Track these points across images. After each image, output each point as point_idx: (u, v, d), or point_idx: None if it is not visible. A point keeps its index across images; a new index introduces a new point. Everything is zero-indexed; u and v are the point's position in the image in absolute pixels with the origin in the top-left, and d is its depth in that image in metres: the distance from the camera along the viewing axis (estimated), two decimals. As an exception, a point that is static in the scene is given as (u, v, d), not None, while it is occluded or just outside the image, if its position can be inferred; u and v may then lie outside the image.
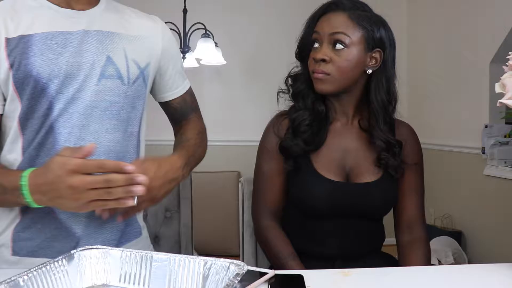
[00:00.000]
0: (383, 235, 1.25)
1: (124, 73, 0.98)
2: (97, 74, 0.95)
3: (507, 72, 0.88)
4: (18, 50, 0.90)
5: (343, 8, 1.13)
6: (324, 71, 1.11)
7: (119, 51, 0.98)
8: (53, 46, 0.92)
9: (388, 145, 1.16)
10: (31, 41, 0.90)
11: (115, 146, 0.98)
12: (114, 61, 0.97)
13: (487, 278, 0.88)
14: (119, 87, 0.98)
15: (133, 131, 1.02)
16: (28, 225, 0.94)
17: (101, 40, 0.96)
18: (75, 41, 0.94)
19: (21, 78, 0.90)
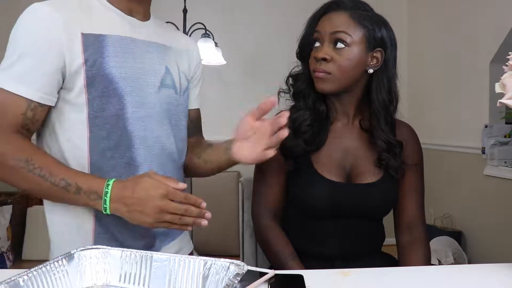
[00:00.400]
0: (383, 235, 1.25)
1: (178, 84, 1.08)
2: (158, 82, 1.03)
3: (507, 72, 0.88)
4: (94, 47, 0.93)
5: (344, 7, 1.13)
6: (325, 70, 1.11)
7: (173, 63, 1.08)
8: (124, 49, 0.97)
9: (389, 146, 1.16)
10: (106, 41, 0.95)
11: (172, 151, 1.07)
12: (171, 72, 1.06)
13: (487, 278, 0.88)
14: (174, 96, 1.07)
15: (183, 137, 1.12)
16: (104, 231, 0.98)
17: (159, 51, 1.05)
18: (139, 49, 1.00)
19: (94, 75, 0.93)
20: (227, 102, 3.82)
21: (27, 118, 0.91)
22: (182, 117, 1.11)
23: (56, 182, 0.88)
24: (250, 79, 3.83)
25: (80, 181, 0.89)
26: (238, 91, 3.84)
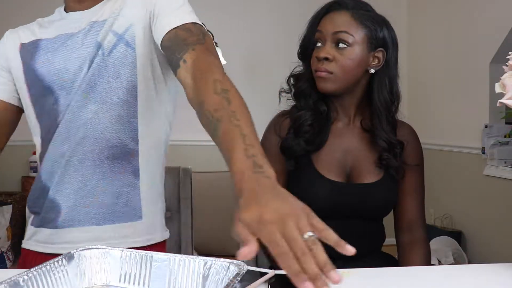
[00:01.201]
0: (383, 235, 1.25)
1: (106, 47, 0.98)
2: (87, 64, 0.97)
3: (507, 72, 0.88)
4: (28, 53, 1.02)
5: (346, 7, 1.13)
6: (327, 69, 1.11)
7: (105, 31, 0.98)
8: (54, 48, 1.00)
9: (390, 146, 1.16)
10: (39, 45, 1.02)
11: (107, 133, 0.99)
12: (103, 44, 0.98)
13: (487, 278, 0.88)
14: (98, 63, 0.97)
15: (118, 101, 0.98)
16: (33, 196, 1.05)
17: (96, 31, 0.99)
18: (75, 41, 1.00)
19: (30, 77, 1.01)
20: (227, 102, 3.82)
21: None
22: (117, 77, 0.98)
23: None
24: (250, 79, 3.83)
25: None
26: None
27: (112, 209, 1.00)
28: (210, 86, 0.77)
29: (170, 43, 0.92)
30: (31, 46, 1.03)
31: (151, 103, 1.01)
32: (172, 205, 1.54)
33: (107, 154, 0.99)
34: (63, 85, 0.99)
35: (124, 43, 0.98)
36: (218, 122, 0.71)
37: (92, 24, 1.00)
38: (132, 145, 1.00)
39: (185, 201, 1.57)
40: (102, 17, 1.00)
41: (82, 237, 0.99)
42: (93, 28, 0.99)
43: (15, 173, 3.78)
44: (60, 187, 1.00)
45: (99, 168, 0.99)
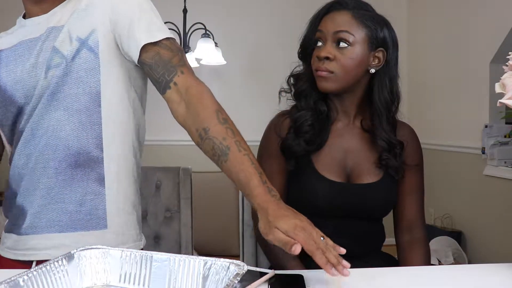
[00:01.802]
0: (383, 235, 1.25)
1: (67, 53, 0.95)
2: (43, 69, 0.95)
3: (507, 72, 0.88)
4: None
5: (347, 7, 1.13)
6: (328, 69, 1.11)
7: (64, 35, 0.95)
8: (15, 57, 0.99)
9: (390, 146, 1.16)
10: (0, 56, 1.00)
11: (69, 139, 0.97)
12: (59, 49, 0.95)
13: (487, 278, 0.88)
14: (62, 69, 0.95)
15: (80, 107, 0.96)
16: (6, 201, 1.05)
17: (50, 36, 0.96)
18: (31, 47, 0.98)
19: None
20: (227, 102, 3.78)
21: None
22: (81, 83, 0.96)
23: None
24: (250, 79, 3.83)
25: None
26: (238, 91, 3.83)
27: (76, 217, 0.98)
28: (213, 115, 0.88)
29: (153, 61, 0.94)
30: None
31: (116, 110, 0.99)
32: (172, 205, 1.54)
33: (70, 161, 0.97)
34: (26, 93, 0.97)
35: (88, 48, 0.95)
36: (228, 149, 0.86)
37: (51, 30, 0.97)
38: (96, 153, 0.98)
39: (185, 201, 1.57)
40: (60, 22, 0.97)
41: (44, 244, 0.98)
42: (51, 33, 0.97)
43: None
44: (27, 194, 0.99)
45: (62, 176, 0.97)
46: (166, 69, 0.93)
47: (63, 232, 0.98)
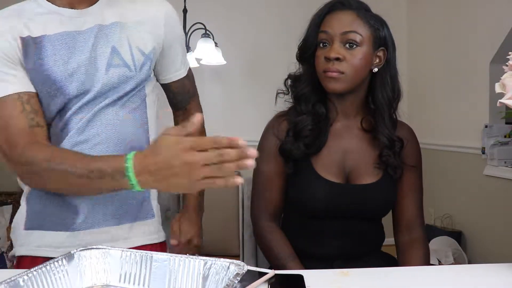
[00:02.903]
0: (382, 235, 1.25)
1: (130, 62, 1.00)
2: (103, 66, 0.98)
3: (507, 72, 0.88)
4: (31, 50, 0.94)
5: (350, 7, 1.13)
6: (338, 69, 1.10)
7: (123, 40, 1.00)
8: (64, 46, 0.96)
9: (391, 142, 1.16)
10: (43, 42, 0.95)
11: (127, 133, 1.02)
12: (119, 51, 0.99)
13: (487, 278, 0.88)
14: (127, 75, 1.00)
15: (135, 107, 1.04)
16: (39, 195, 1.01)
17: (104, 34, 0.99)
18: (81, 40, 0.97)
19: (36, 77, 0.95)
20: (227, 102, 3.82)
21: (28, 113, 0.93)
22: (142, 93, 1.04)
23: (78, 172, 0.84)
24: (250, 79, 3.83)
25: (101, 164, 0.83)
26: (238, 91, 3.83)
27: (129, 209, 1.04)
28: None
29: (178, 90, 1.16)
30: (34, 42, 0.95)
31: (152, 111, 1.09)
32: (172, 205, 1.53)
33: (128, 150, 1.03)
34: (80, 86, 0.97)
35: (149, 61, 1.04)
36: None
37: (100, 27, 0.99)
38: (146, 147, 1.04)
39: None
40: (109, 20, 1.00)
41: (102, 238, 1.01)
42: (102, 31, 0.99)
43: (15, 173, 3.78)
44: None
45: None
46: (184, 99, 1.19)
47: (119, 225, 1.03)
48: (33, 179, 0.94)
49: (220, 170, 0.73)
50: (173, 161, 0.74)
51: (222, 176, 0.73)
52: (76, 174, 0.84)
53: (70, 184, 0.88)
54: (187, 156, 0.73)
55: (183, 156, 0.73)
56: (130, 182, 0.79)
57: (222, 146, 0.73)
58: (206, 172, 0.73)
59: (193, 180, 0.74)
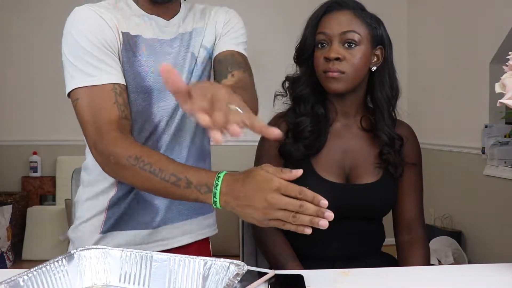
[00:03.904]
0: (383, 235, 1.25)
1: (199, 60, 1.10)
2: (187, 74, 1.08)
3: (507, 72, 0.88)
4: (129, 46, 1.01)
5: (347, 6, 1.13)
6: (339, 69, 1.11)
7: (197, 45, 1.10)
8: (154, 50, 1.04)
9: (391, 140, 1.16)
10: (139, 41, 1.03)
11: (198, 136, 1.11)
12: (195, 55, 1.09)
13: (487, 278, 0.88)
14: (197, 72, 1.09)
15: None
16: (120, 197, 1.07)
17: (185, 43, 1.08)
18: (167, 48, 1.06)
19: (129, 72, 1.01)
20: (227, 102, 3.81)
21: (120, 105, 0.97)
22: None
23: (166, 177, 0.86)
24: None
25: (190, 174, 0.85)
26: (238, 91, 3.83)
27: (196, 205, 1.11)
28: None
29: (225, 58, 1.09)
30: (131, 39, 1.02)
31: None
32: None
33: (197, 155, 1.11)
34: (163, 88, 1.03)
35: (209, 55, 1.12)
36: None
37: (182, 36, 1.08)
38: (208, 147, 1.16)
39: (185, 201, 1.56)
40: (187, 29, 1.10)
41: (174, 233, 1.11)
42: (183, 39, 1.08)
43: (15, 173, 3.78)
44: None
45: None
46: (232, 65, 1.07)
47: (188, 219, 1.13)
48: (116, 171, 0.94)
49: (294, 218, 0.77)
50: (257, 195, 0.78)
51: (292, 222, 0.77)
52: (163, 178, 0.87)
53: (153, 186, 0.89)
54: (271, 195, 0.77)
55: (267, 195, 0.77)
56: (214, 199, 0.82)
57: (305, 199, 0.78)
58: (280, 215, 0.77)
59: (266, 217, 0.78)
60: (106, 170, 0.96)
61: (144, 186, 0.91)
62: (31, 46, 3.63)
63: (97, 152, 0.94)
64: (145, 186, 0.91)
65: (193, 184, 0.84)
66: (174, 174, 0.86)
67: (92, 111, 0.95)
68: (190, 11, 1.13)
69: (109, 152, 0.92)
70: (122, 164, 0.90)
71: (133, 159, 0.89)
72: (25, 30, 3.65)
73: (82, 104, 0.96)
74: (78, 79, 0.96)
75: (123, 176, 0.93)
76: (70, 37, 0.97)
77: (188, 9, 1.14)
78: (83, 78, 0.96)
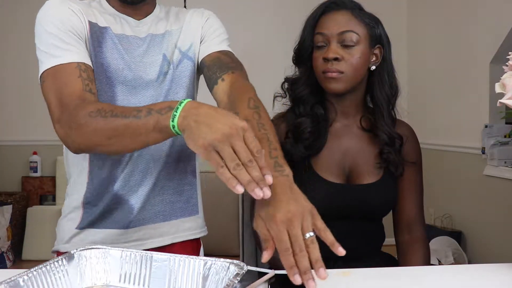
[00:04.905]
0: (383, 235, 1.25)
1: (172, 61, 1.08)
2: (156, 74, 1.06)
3: (507, 72, 0.88)
4: (96, 36, 1.01)
5: (345, 6, 1.13)
6: (338, 69, 1.11)
7: (171, 46, 1.09)
8: (121, 45, 1.03)
9: (391, 139, 1.16)
10: (107, 33, 1.03)
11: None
12: (167, 57, 1.08)
13: (487, 278, 0.88)
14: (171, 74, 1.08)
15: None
16: (94, 195, 1.05)
17: (156, 43, 1.07)
18: (136, 46, 1.05)
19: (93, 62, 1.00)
20: (227, 102, 3.82)
21: (84, 79, 0.95)
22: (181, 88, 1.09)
23: (127, 115, 0.82)
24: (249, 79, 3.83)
25: (151, 105, 0.83)
26: (238, 91, 3.83)
27: (176, 206, 1.10)
28: (245, 102, 0.92)
29: (212, 63, 1.08)
30: (99, 30, 1.02)
31: None
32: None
33: (176, 156, 1.08)
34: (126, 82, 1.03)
35: (188, 58, 1.10)
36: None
37: (153, 36, 1.07)
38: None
39: (185, 201, 1.56)
40: (159, 31, 1.09)
41: (150, 234, 1.08)
42: (154, 39, 1.07)
43: (15, 173, 3.78)
44: (129, 186, 1.05)
45: (166, 169, 1.07)
46: (220, 68, 1.05)
47: (166, 221, 1.09)
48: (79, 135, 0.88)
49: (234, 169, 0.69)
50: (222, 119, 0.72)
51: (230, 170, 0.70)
52: (125, 116, 0.82)
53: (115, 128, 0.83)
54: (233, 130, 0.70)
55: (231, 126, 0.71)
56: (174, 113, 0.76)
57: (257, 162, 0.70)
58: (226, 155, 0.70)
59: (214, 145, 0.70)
60: (69, 142, 0.91)
61: (107, 132, 0.85)
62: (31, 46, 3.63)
63: (60, 125, 0.91)
64: (107, 133, 0.85)
65: (154, 110, 0.80)
66: (135, 110, 0.83)
67: (56, 89, 0.94)
68: (166, 14, 1.13)
69: (70, 120, 0.88)
70: (83, 122, 0.86)
71: (94, 112, 0.86)
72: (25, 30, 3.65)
73: (47, 85, 0.95)
74: (45, 62, 0.96)
75: (87, 136, 0.87)
76: (39, 27, 0.99)
77: (165, 12, 1.13)
78: (49, 60, 0.96)
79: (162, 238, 1.09)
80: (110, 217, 1.05)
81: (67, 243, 1.06)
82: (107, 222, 1.05)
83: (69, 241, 1.06)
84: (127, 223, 1.05)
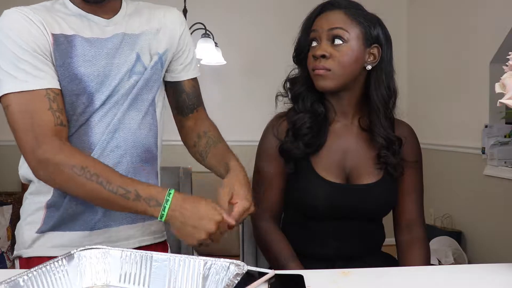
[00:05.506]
0: (383, 235, 1.25)
1: (147, 64, 1.07)
2: (127, 72, 1.04)
3: (507, 72, 0.88)
4: (63, 47, 0.97)
5: (339, 6, 1.14)
6: (325, 66, 1.11)
7: (145, 48, 1.07)
8: (93, 49, 1.00)
9: (388, 142, 1.16)
10: (74, 41, 0.98)
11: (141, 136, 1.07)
12: (142, 59, 1.06)
13: (487, 278, 0.88)
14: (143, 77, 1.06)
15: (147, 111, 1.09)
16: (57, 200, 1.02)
17: (128, 42, 1.05)
18: (108, 46, 1.02)
19: (63, 74, 0.97)
20: (227, 102, 3.82)
21: (54, 111, 0.94)
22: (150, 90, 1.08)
23: (114, 189, 0.89)
24: (250, 79, 3.83)
25: (139, 188, 0.90)
26: (238, 91, 3.83)
27: None
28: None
29: (191, 91, 1.17)
30: (66, 40, 0.98)
31: (160, 113, 1.13)
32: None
33: (141, 157, 1.07)
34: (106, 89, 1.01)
35: (160, 62, 1.09)
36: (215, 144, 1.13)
37: (125, 35, 1.05)
38: (155, 151, 1.12)
39: (185, 201, 1.56)
40: (134, 31, 1.06)
41: (116, 237, 1.06)
42: (128, 38, 1.05)
43: (15, 173, 3.76)
44: None
45: (133, 171, 1.05)
46: (196, 100, 1.18)
47: (133, 224, 1.09)
48: (56, 180, 0.93)
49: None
50: (203, 222, 0.88)
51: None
52: (111, 190, 0.89)
53: (100, 197, 0.91)
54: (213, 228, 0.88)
55: (211, 225, 0.87)
56: (162, 212, 0.89)
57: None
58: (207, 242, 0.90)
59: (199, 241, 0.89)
60: (41, 176, 0.94)
61: (89, 196, 0.92)
62: None
63: (35, 158, 0.92)
64: (90, 196, 0.92)
65: (142, 197, 0.89)
66: (122, 186, 0.90)
67: (26, 118, 0.92)
68: (136, 11, 1.10)
69: (49, 160, 0.90)
70: (66, 173, 0.89)
71: (79, 169, 0.89)
72: None
73: (13, 110, 0.93)
74: (9, 84, 0.92)
75: (65, 186, 0.92)
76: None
77: (134, 8, 1.10)
78: (14, 84, 0.92)
79: (127, 241, 1.07)
80: (74, 219, 1.02)
81: (30, 247, 1.03)
82: (70, 225, 1.02)
83: (32, 246, 1.03)
84: (91, 225, 1.03)
